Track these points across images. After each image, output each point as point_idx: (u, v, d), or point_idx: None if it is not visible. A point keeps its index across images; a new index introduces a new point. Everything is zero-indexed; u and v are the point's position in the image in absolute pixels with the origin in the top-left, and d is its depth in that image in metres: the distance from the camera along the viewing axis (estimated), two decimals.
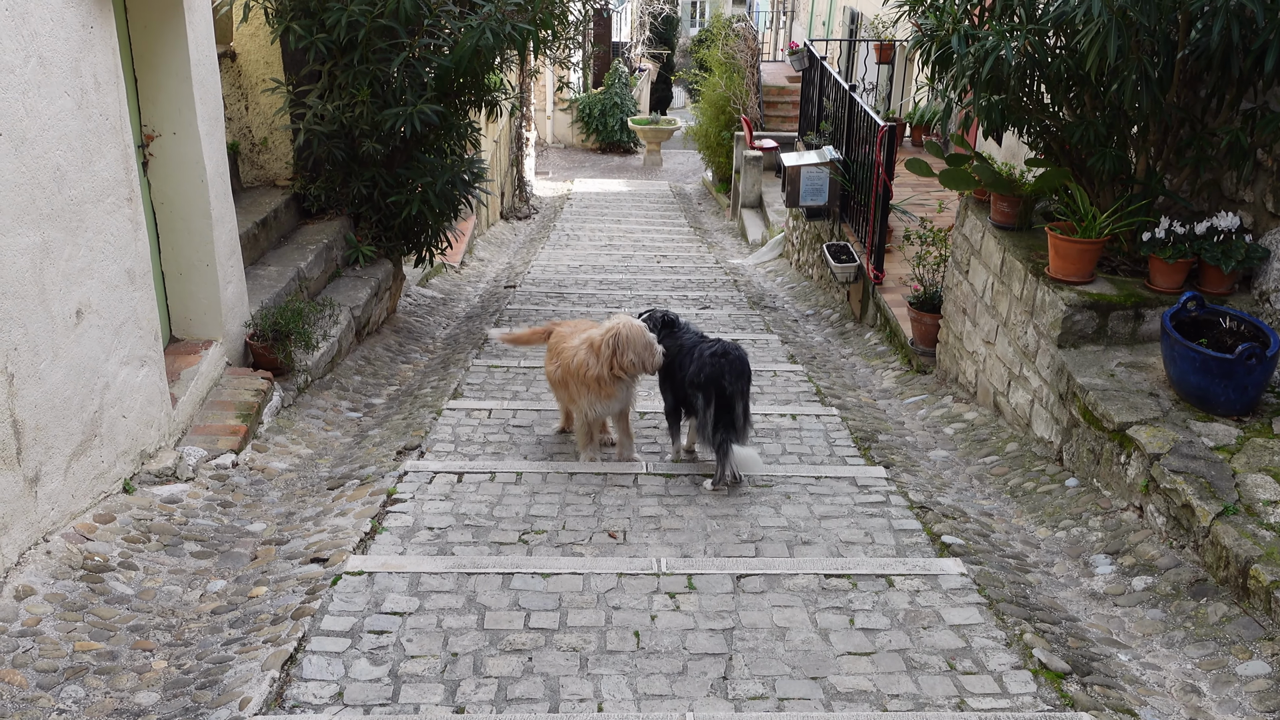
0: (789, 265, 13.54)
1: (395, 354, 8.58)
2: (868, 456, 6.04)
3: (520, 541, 4.82)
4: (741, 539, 4.90)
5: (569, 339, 5.81)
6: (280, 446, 6.14)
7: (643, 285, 11.81)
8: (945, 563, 4.63)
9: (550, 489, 5.41)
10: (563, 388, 5.82)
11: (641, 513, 5.16)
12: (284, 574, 4.55)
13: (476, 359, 8.10)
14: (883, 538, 4.93)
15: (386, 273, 9.02)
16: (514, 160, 19.78)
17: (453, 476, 5.52)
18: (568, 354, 5.68)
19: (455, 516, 5.05)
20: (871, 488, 5.51)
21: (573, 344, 5.70)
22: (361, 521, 4.94)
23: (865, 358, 8.76)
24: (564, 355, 5.72)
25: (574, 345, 5.68)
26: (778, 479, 5.61)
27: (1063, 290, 5.88)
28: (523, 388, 7.35)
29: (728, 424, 5.31)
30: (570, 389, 5.69)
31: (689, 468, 5.72)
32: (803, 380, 7.64)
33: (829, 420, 6.65)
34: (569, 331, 5.94)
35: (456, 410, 6.68)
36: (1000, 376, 6.61)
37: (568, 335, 5.88)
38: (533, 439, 6.25)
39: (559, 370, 5.76)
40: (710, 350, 5.41)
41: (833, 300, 10.81)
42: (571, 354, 5.64)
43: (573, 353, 5.64)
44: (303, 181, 9.00)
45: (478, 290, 12.05)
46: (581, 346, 5.59)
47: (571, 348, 5.68)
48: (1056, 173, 6.35)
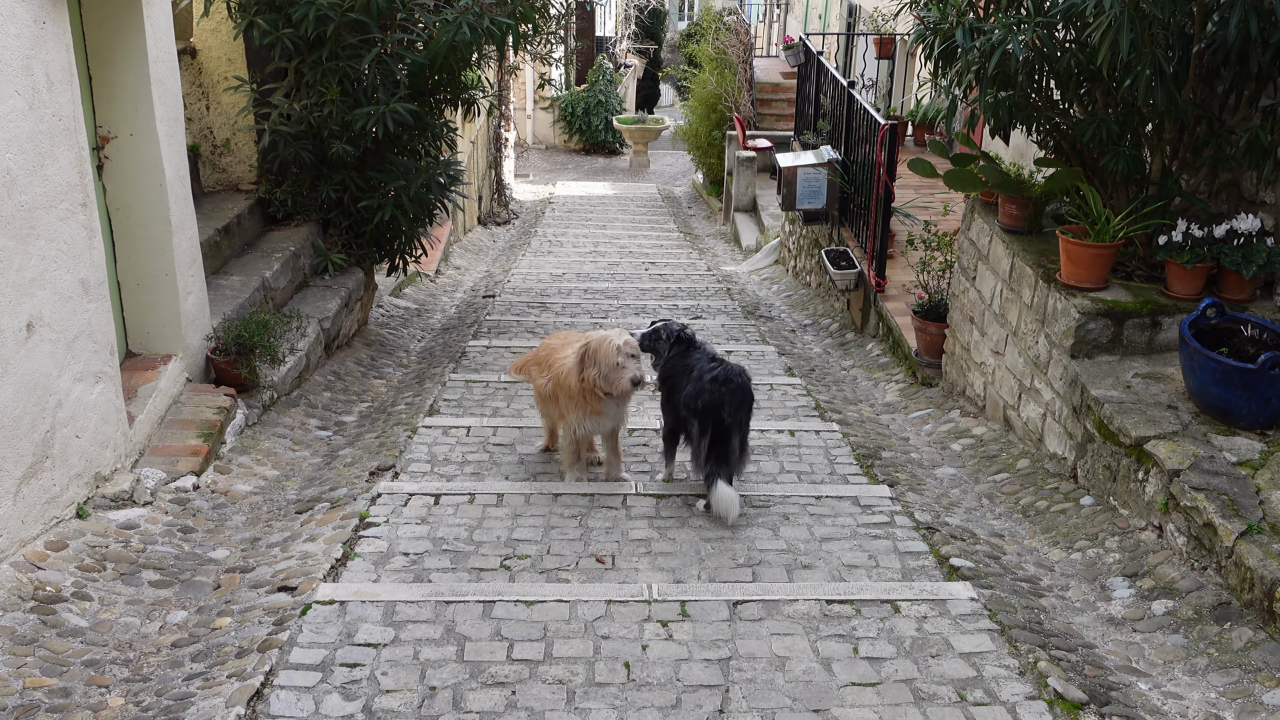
0: (785, 272, 13.58)
1: (367, 368, 8.57)
2: (870, 475, 6.06)
3: (502, 567, 4.81)
4: (738, 563, 4.90)
5: (560, 350, 5.82)
6: (244, 468, 6.12)
7: (630, 294, 11.83)
8: (954, 587, 4.64)
9: (534, 511, 5.40)
10: (552, 402, 5.82)
11: (631, 536, 5.16)
12: (249, 604, 4.52)
13: (454, 373, 8.09)
14: (887, 561, 4.94)
15: (357, 282, 9.01)
16: (492, 162, 19.80)
17: (429, 498, 5.51)
18: (559, 366, 5.69)
19: (432, 541, 5.04)
20: (875, 508, 5.52)
21: (564, 355, 5.71)
22: (332, 547, 4.92)
23: (867, 370, 8.78)
24: (555, 367, 5.73)
25: (565, 356, 5.69)
26: (776, 499, 5.61)
27: (1075, 297, 5.92)
28: (503, 403, 7.34)
29: (720, 457, 5.31)
30: (560, 403, 5.69)
31: (681, 488, 5.73)
32: (801, 394, 7.65)
33: (829, 436, 6.66)
34: (560, 343, 5.95)
35: (433, 428, 6.67)
36: (1010, 389, 6.64)
37: (558, 347, 5.88)
38: (514, 458, 6.24)
39: (549, 383, 5.76)
40: (711, 374, 5.40)
41: (832, 309, 10.85)
42: (562, 366, 5.66)
43: (563, 364, 5.65)
44: (268, 185, 8.99)
45: (454, 300, 12.04)
46: (571, 358, 5.61)
47: (563, 359, 5.70)
48: (1067, 173, 6.40)
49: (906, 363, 8.44)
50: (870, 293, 9.48)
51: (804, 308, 11.45)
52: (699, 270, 14.06)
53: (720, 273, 13.93)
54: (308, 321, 7.85)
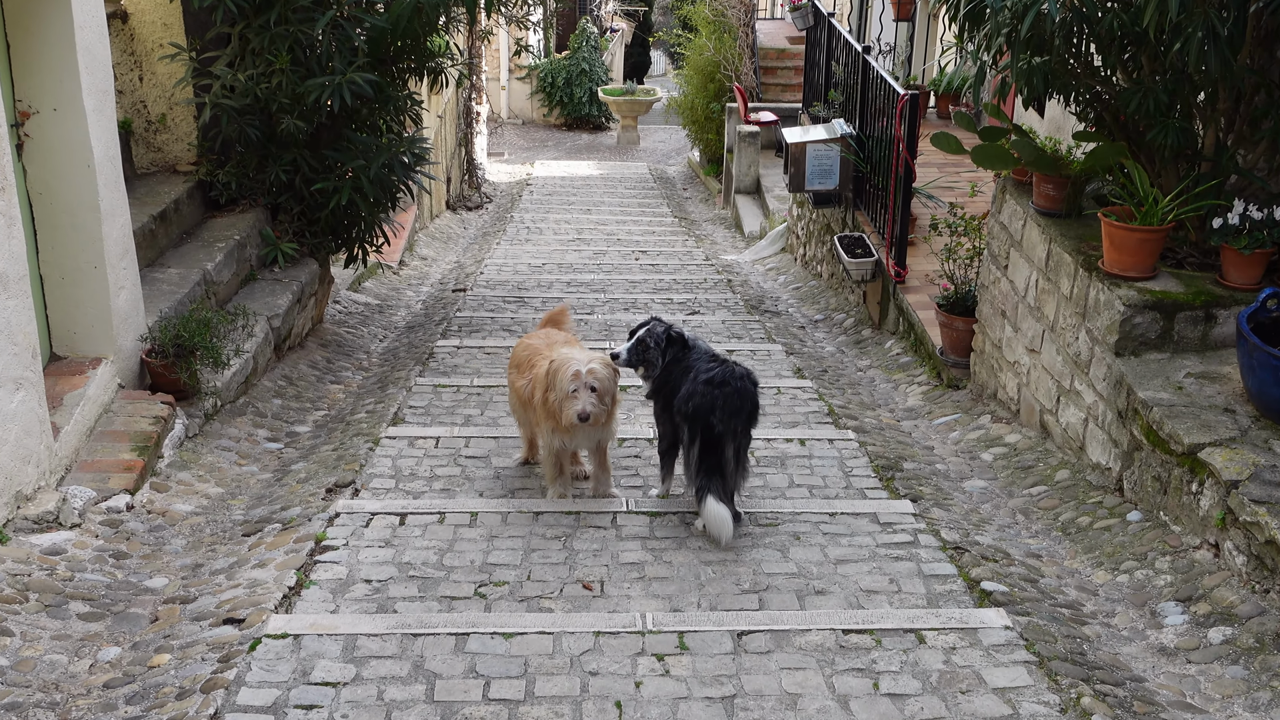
0: (793, 261, 13.60)
1: (323, 372, 8.55)
2: (891, 489, 6.06)
3: (476, 595, 4.81)
4: (742, 588, 4.90)
5: (541, 351, 5.84)
6: (185, 485, 6.10)
7: (618, 287, 11.84)
8: (986, 614, 4.65)
9: (512, 532, 5.40)
10: (529, 407, 5.83)
11: (622, 559, 5.15)
12: (191, 638, 4.51)
13: (420, 376, 8.08)
14: (911, 585, 4.94)
15: (311, 275, 9.00)
16: (462, 139, 19.79)
17: (394, 518, 5.50)
18: (540, 368, 5.69)
19: (398, 566, 5.03)
20: (896, 526, 5.53)
21: (546, 356, 5.71)
22: (284, 574, 4.91)
23: (886, 370, 8.79)
24: (536, 370, 5.73)
25: (545, 359, 5.69)
26: (785, 517, 5.61)
27: (1120, 287, 5.93)
28: (476, 410, 7.33)
29: (711, 469, 5.31)
30: (538, 412, 5.70)
31: (678, 504, 5.72)
32: (812, 398, 7.66)
33: (844, 446, 6.67)
34: (541, 343, 5.96)
35: (397, 439, 6.66)
36: (1047, 391, 6.66)
37: (540, 348, 5.90)
38: (490, 472, 6.23)
39: (529, 387, 5.78)
40: (706, 375, 5.40)
41: (846, 302, 10.86)
42: (542, 369, 5.65)
43: (541, 364, 5.65)
44: (209, 166, 8.97)
45: (420, 295, 12.03)
46: (546, 363, 5.60)
47: (543, 360, 5.70)
48: (1110, 148, 6.41)
49: (930, 362, 8.45)
50: (889, 284, 9.49)
51: (814, 301, 11.46)
52: (696, 259, 14.07)
53: (720, 262, 13.94)
54: (255, 319, 7.84)
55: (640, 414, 7.16)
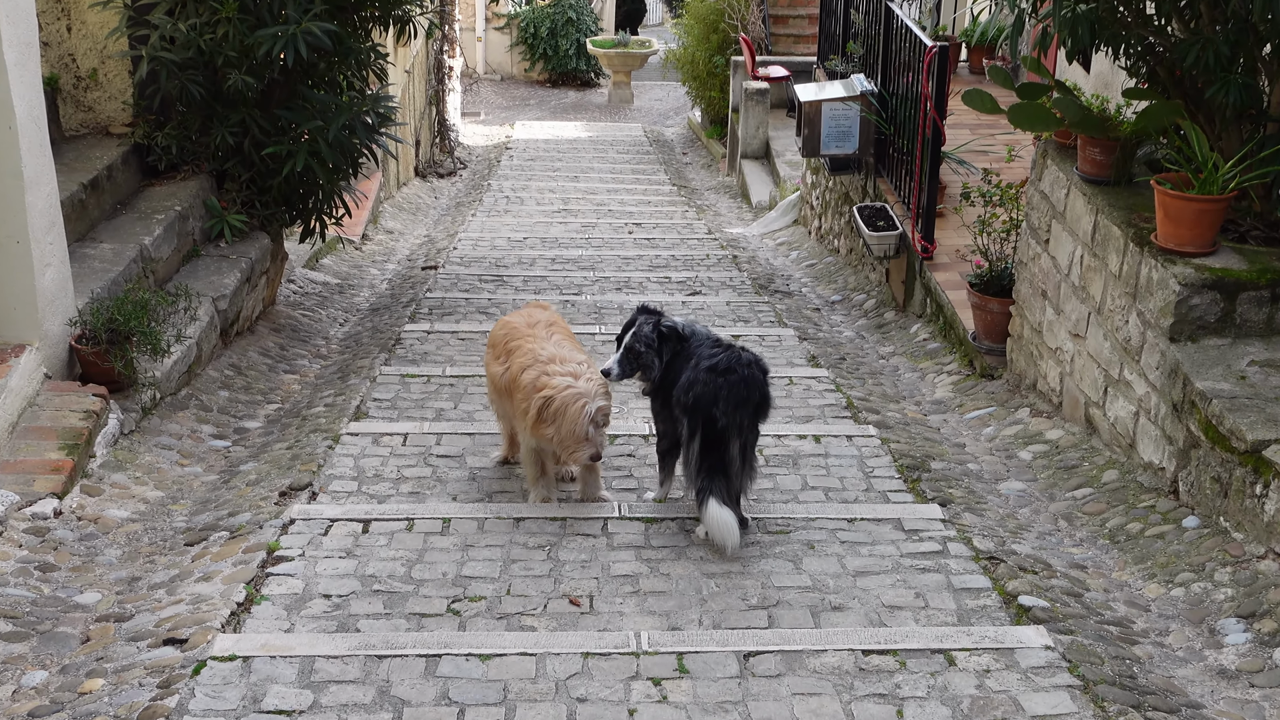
0: (807, 235, 13.59)
1: (276, 360, 8.54)
2: (917, 491, 6.07)
3: (450, 612, 4.80)
4: (750, 604, 4.90)
5: (524, 334, 5.83)
6: (120, 488, 6.09)
7: (609, 264, 11.83)
8: (1024, 632, 4.65)
9: (490, 541, 5.40)
10: (506, 398, 5.83)
11: (614, 570, 5.15)
12: (127, 661, 4.50)
13: (386, 365, 8.07)
14: (939, 600, 4.95)
15: (262, 251, 8.98)
16: (433, 97, 19.75)
17: (356, 525, 5.49)
18: (520, 358, 5.69)
19: (361, 579, 5.03)
20: (923, 533, 5.53)
21: (528, 346, 5.71)
22: (233, 588, 4.90)
23: (911, 358, 8.79)
24: (515, 358, 5.73)
25: (529, 349, 5.69)
26: (797, 523, 5.61)
27: (1175, 265, 5.93)
28: (449, 403, 7.33)
29: (714, 468, 5.31)
30: (516, 407, 5.71)
31: (677, 509, 5.72)
32: (828, 389, 7.66)
33: (864, 443, 6.67)
34: (523, 323, 5.95)
35: (360, 435, 6.65)
36: (1093, 381, 6.66)
37: (521, 329, 5.89)
38: (464, 472, 6.23)
39: (506, 376, 5.77)
40: (709, 362, 5.40)
41: (867, 281, 10.86)
42: (524, 362, 5.65)
43: (525, 361, 5.65)
44: (147, 128, 8.94)
45: (386, 273, 12.00)
46: (533, 364, 5.60)
47: (526, 351, 5.70)
48: (1164, 107, 6.40)
49: (961, 349, 8.45)
50: (915, 260, 9.49)
51: (831, 280, 11.45)
52: (697, 233, 14.05)
53: (724, 236, 13.92)
54: (199, 301, 7.82)
55: (634, 407, 7.16)
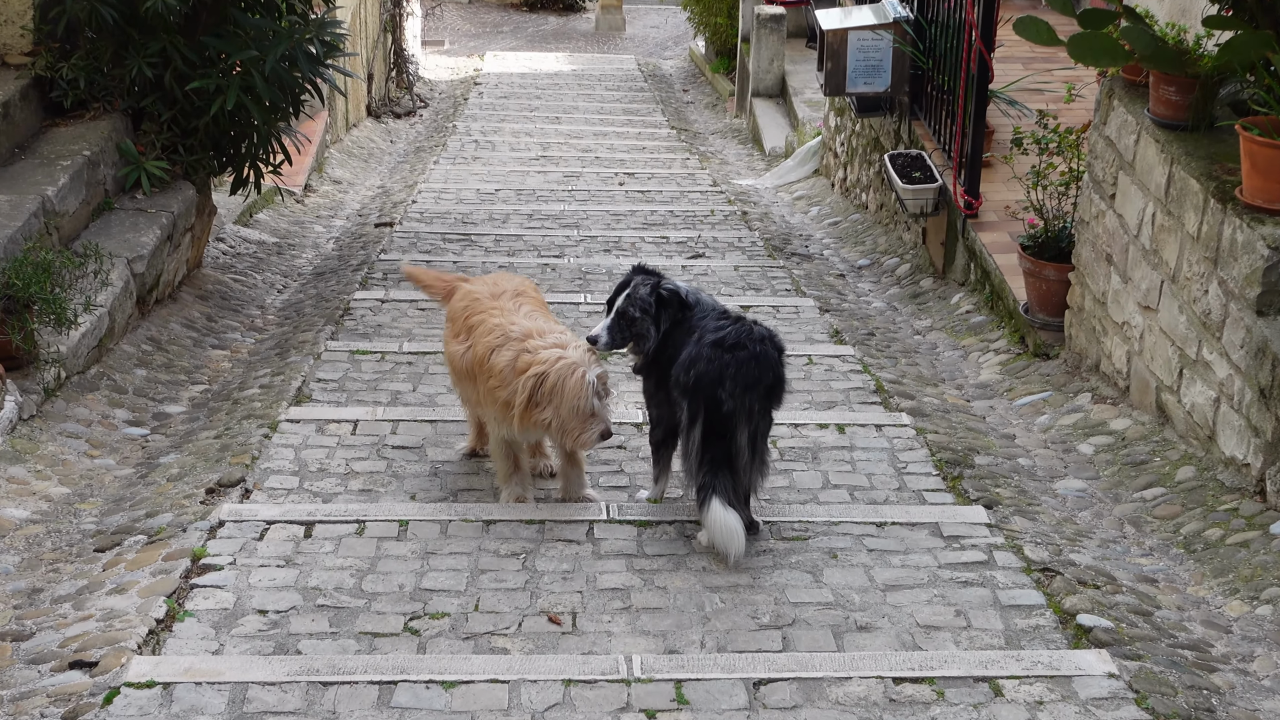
0: (830, 188, 13.55)
1: (202, 333, 8.51)
2: (958, 491, 6.06)
3: (407, 631, 4.79)
4: (760, 623, 4.89)
5: (487, 307, 5.81)
6: (18, 483, 6.06)
7: (597, 222, 11.80)
8: (1083, 657, 4.65)
9: (454, 547, 5.38)
10: (469, 383, 5.81)
11: (601, 583, 5.15)
12: (26, 687, 4.48)
13: (333, 340, 8.05)
14: (984, 619, 4.94)
15: (187, 204, 8.94)
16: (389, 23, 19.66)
17: (297, 529, 5.48)
18: (486, 337, 5.67)
19: (302, 592, 5.01)
20: (965, 540, 5.52)
21: (494, 321, 5.69)
22: (151, 602, 4.89)
23: (952, 333, 8.78)
24: (479, 335, 5.71)
25: (495, 325, 5.66)
26: (818, 527, 5.60)
27: (1264, 224, 5.91)
28: (406, 385, 7.31)
29: (718, 462, 5.29)
30: (481, 392, 5.69)
31: (675, 510, 5.71)
32: (854, 370, 7.65)
33: (897, 434, 6.66)
34: (486, 293, 5.93)
35: (302, 423, 6.64)
36: (1166, 362, 6.65)
37: (484, 300, 5.87)
38: (425, 467, 6.22)
39: (468, 356, 5.75)
40: (714, 336, 5.37)
41: (900, 243, 10.83)
42: (491, 342, 5.63)
43: (494, 341, 5.62)
44: (50, 58, 8.88)
45: (333, 230, 11.96)
46: (505, 343, 5.58)
47: (493, 327, 5.67)
48: (1252, 38, 6.36)
49: (1011, 323, 8.44)
50: (957, 218, 9.46)
51: (858, 241, 11.42)
52: (700, 185, 14.01)
53: (732, 189, 13.89)
54: (112, 263, 7.78)
55: (626, 390, 7.14)
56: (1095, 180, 7.51)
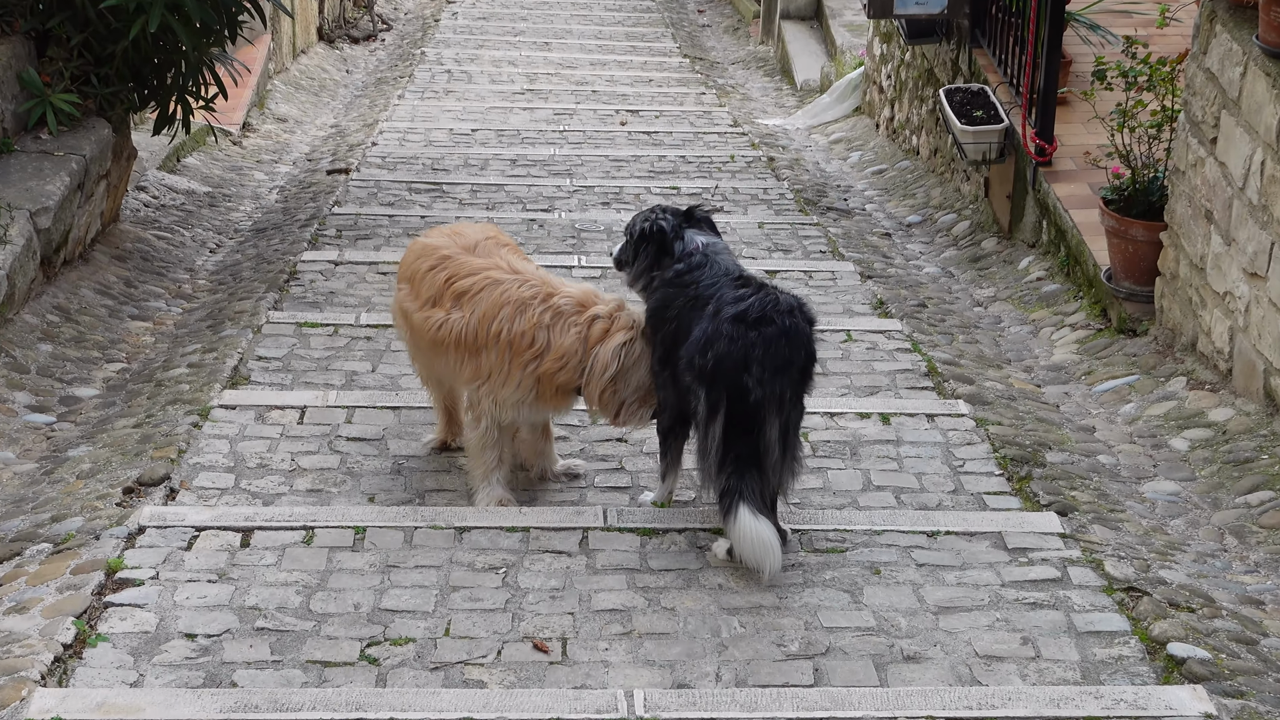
0: (874, 130, 13.52)
1: (120, 301, 8.51)
2: (1026, 494, 6.05)
3: (365, 660, 4.79)
4: (788, 652, 4.89)
5: (466, 265, 5.82)
6: None
7: (593, 169, 11.78)
8: (1175, 694, 4.64)
9: (421, 559, 5.38)
10: (445, 356, 5.81)
11: (597, 603, 5.15)
12: None
13: (276, 309, 8.05)
14: (1056, 648, 4.94)
15: (101, 145, 8.92)
16: None
17: (232, 536, 5.47)
18: (493, 300, 5.67)
19: (238, 613, 5.01)
20: (1034, 553, 5.51)
21: (495, 278, 5.71)
22: (57, 624, 4.87)
23: (1020, 305, 8.76)
24: (478, 301, 5.69)
25: (505, 287, 5.68)
26: (857, 537, 5.60)
27: None
28: (365, 364, 7.31)
29: (745, 460, 5.28)
30: (468, 362, 5.69)
31: (684, 516, 5.71)
32: (902, 349, 7.64)
33: (952, 425, 6.66)
34: (455, 246, 5.93)
35: (239, 409, 6.63)
36: (1277, 340, 6.63)
37: (455, 255, 5.88)
38: (386, 462, 6.22)
39: (460, 327, 5.71)
40: (735, 308, 5.34)
41: (957, 195, 10.81)
42: (514, 309, 5.64)
43: (514, 305, 5.64)
44: None
45: (276, 178, 11.95)
46: (532, 305, 5.62)
47: (498, 286, 5.69)
48: None
49: (1090, 292, 8.42)
50: (1027, 167, 9.44)
51: (907, 193, 11.40)
52: (718, 125, 13.98)
53: (757, 130, 13.86)
54: (11, 216, 7.78)
55: None
56: (1193, 121, 7.48)
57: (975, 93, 10.09)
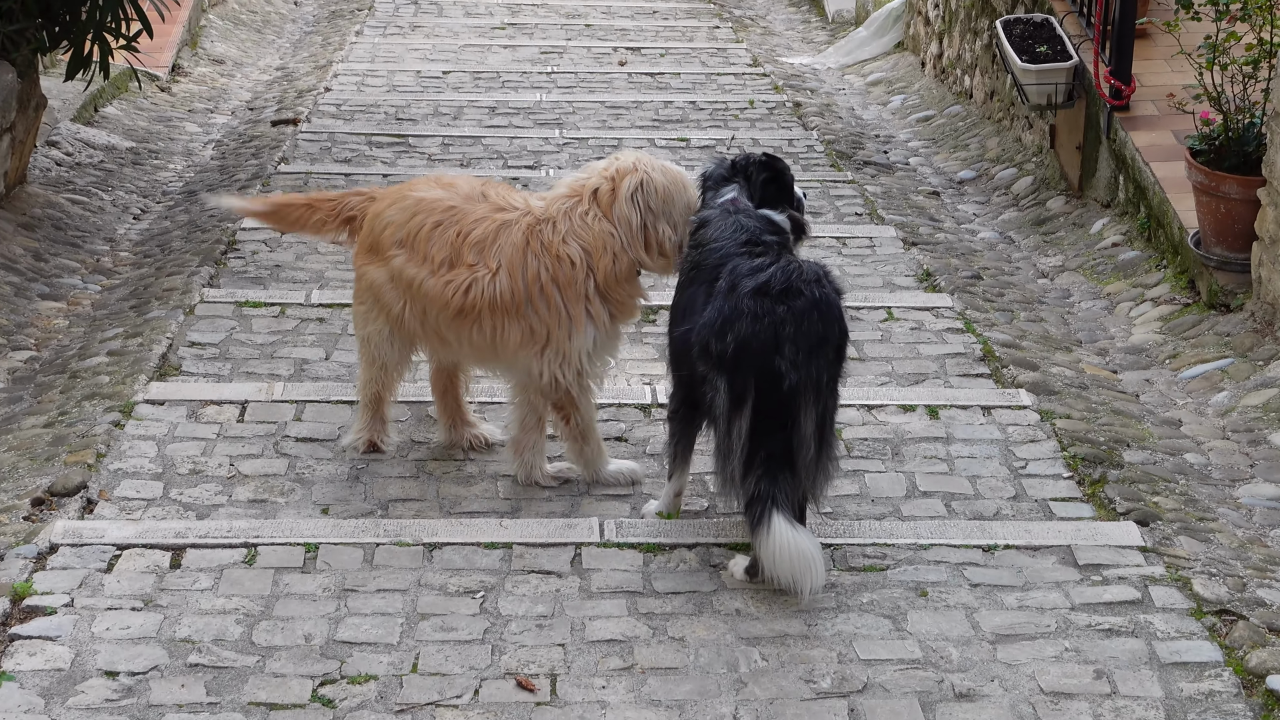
0: (919, 69, 13.52)
1: (27, 277, 8.50)
2: (1099, 501, 6.04)
3: (317, 701, 4.79)
4: (818, 689, 4.89)
5: (455, 209, 5.88)
6: None
7: (587, 119, 11.79)
8: None
9: (384, 581, 5.38)
10: (464, 324, 5.86)
11: (592, 633, 5.15)
12: None
13: (212, 286, 8.04)
14: (1135, 682, 4.93)
15: (5, 93, 8.91)
16: None
17: (161, 555, 5.46)
18: (484, 234, 5.79)
19: (168, 646, 5.00)
20: (1109, 570, 5.51)
21: (482, 209, 5.83)
22: None
23: (1092, 276, 8.75)
24: (480, 240, 5.80)
25: (487, 212, 5.82)
26: (899, 552, 5.60)
27: None
28: (317, 350, 7.32)
29: (777, 460, 5.28)
30: (510, 325, 5.78)
31: (695, 529, 5.72)
32: (953, 329, 7.64)
33: (1012, 419, 6.66)
34: (449, 196, 5.96)
35: (168, 404, 6.64)
36: None
37: (450, 203, 5.92)
38: (342, 467, 6.22)
39: (463, 284, 5.78)
40: (752, 280, 5.32)
41: (1018, 147, 10.79)
42: (497, 229, 5.78)
43: (500, 229, 5.77)
44: None
45: (212, 130, 11.94)
46: (519, 214, 5.81)
47: (484, 215, 5.82)
48: None
49: (1176, 260, 8.41)
50: (1101, 112, 9.43)
51: (959, 144, 11.38)
52: (735, 64, 13.98)
53: (781, 71, 13.85)
54: None
55: (627, 358, 7.12)
56: None
57: (1039, 24, 10.08)
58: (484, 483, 6.16)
